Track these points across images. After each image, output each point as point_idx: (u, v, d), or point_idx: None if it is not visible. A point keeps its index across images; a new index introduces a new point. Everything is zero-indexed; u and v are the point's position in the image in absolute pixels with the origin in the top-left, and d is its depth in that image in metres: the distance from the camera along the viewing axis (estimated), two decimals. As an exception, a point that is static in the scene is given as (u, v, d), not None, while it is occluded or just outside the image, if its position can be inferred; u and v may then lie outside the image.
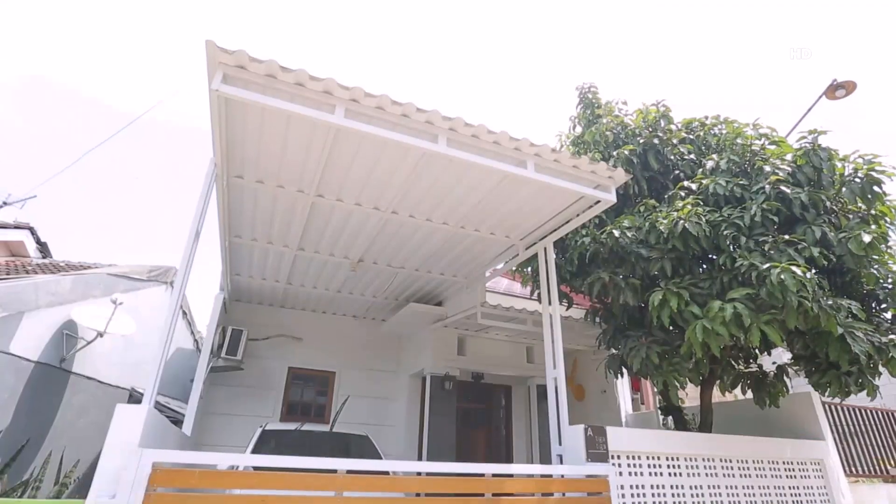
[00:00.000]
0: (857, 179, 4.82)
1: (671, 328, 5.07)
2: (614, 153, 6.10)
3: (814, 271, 4.27)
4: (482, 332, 8.37)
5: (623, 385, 8.91)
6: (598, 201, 4.72)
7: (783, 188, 4.83)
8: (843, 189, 4.95)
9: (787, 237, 4.53)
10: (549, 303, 5.14)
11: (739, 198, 5.08)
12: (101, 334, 6.29)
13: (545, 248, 5.39)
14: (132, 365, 7.61)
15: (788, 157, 5.28)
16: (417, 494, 3.65)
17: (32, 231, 9.23)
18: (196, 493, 3.15)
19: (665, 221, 4.90)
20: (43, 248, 9.55)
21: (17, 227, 9.06)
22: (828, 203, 4.94)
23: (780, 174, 4.98)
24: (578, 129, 7.47)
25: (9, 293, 5.25)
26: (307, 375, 8.61)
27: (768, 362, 6.13)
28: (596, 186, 4.66)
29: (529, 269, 6.84)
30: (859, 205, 4.98)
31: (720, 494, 4.78)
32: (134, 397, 7.52)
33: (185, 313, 9.93)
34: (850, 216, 4.98)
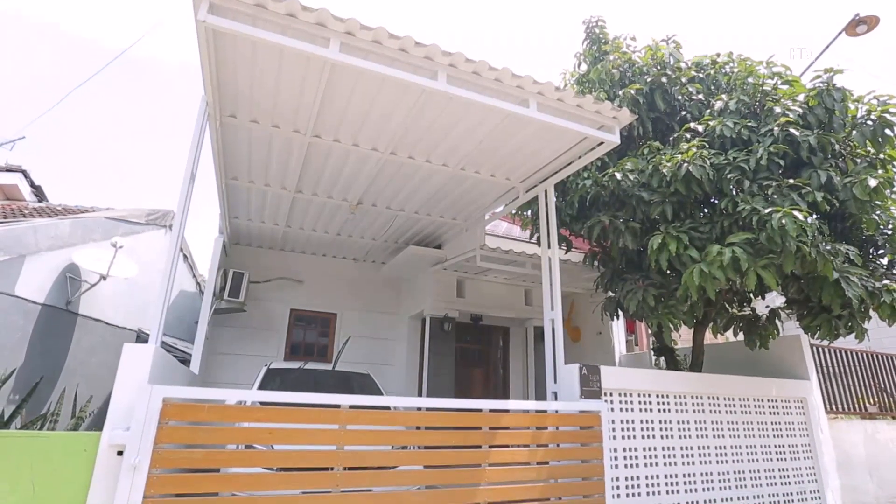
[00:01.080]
0: (870, 122, 4.69)
1: (668, 272, 5.12)
2: (620, 93, 5.89)
3: (815, 216, 4.25)
4: (481, 275, 8.47)
5: (618, 327, 9.13)
6: (602, 143, 4.61)
7: (792, 130, 4.70)
8: (854, 132, 4.83)
9: (791, 181, 4.46)
10: (549, 246, 5.15)
11: (747, 140, 4.96)
12: (103, 277, 6.35)
13: (546, 191, 5.33)
14: (137, 307, 7.75)
15: (801, 97, 5.10)
16: (418, 428, 3.83)
17: (25, 174, 9.10)
18: (207, 425, 3.30)
19: (669, 164, 4.81)
20: (38, 192, 9.45)
21: (9, 170, 8.92)
22: (836, 146, 4.82)
23: (791, 116, 4.83)
24: (584, 67, 7.17)
25: (8, 236, 5.24)
26: (309, 317, 8.80)
27: (761, 306, 6.25)
28: (600, 127, 4.54)
29: (529, 212, 6.80)
30: (868, 149, 4.87)
31: (705, 429, 5.02)
32: (141, 338, 7.71)
33: (185, 257, 9.98)
34: (858, 160, 4.88)
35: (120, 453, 2.82)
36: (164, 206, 8.64)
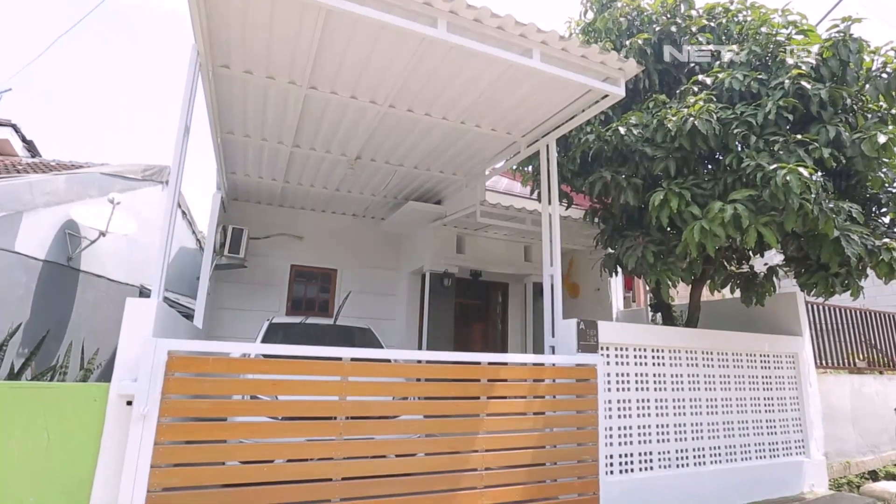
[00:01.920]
0: (885, 75, 4.54)
1: (669, 229, 5.10)
2: (627, 43, 5.66)
3: (821, 173, 4.18)
4: (481, 231, 8.46)
5: (616, 284, 9.22)
6: (606, 96, 4.48)
7: (804, 83, 4.55)
8: (867, 85, 4.68)
9: (798, 137, 4.37)
10: (549, 202, 5.11)
11: (756, 94, 4.81)
12: (103, 234, 6.34)
13: (547, 146, 5.23)
14: (139, 263, 7.78)
15: (815, 48, 4.90)
16: (418, 380, 3.93)
17: (16, 129, 8.90)
18: (212, 377, 3.38)
19: (674, 118, 4.69)
20: (30, 147, 9.28)
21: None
22: (848, 100, 4.69)
23: (803, 68, 4.66)
24: (590, 15, 6.86)
25: (4, 193, 5.19)
26: (310, 273, 8.87)
27: (759, 263, 6.28)
28: (605, 79, 4.39)
29: (530, 167, 6.71)
30: (881, 103, 4.74)
31: (698, 382, 5.16)
32: (143, 294, 7.79)
33: (184, 213, 9.93)
34: (869, 115, 4.76)
35: (129, 403, 2.91)
36: (160, 162, 8.52)
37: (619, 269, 5.87)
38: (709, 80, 5.07)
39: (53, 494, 2.77)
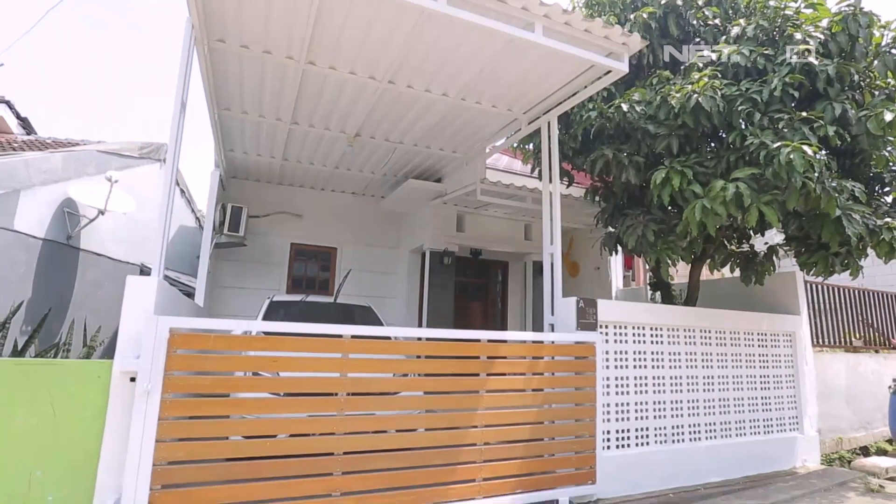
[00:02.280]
0: (894, 50, 4.45)
1: (670, 207, 5.08)
2: (631, 16, 5.54)
3: (825, 152, 4.14)
4: (481, 210, 8.43)
5: (616, 263, 9.23)
6: (609, 71, 4.41)
7: (811, 59, 4.46)
8: (875, 62, 4.59)
9: (804, 114, 4.31)
10: (550, 180, 5.08)
11: (762, 70, 4.72)
12: (101, 212, 6.32)
13: (549, 123, 5.17)
14: (139, 242, 7.78)
15: (824, 22, 4.79)
16: (418, 357, 3.97)
17: (10, 105, 8.77)
18: (214, 354, 3.41)
19: (678, 95, 4.62)
20: (25, 124, 9.17)
21: (-7, 99, 8.58)
22: (856, 77, 4.61)
23: (811, 43, 4.56)
24: (594, -12, 6.68)
25: (1, 170, 5.14)
26: (310, 251, 8.87)
27: (760, 243, 6.27)
28: (608, 54, 4.31)
29: (531, 145, 6.64)
30: (889, 80, 4.65)
31: (695, 360, 5.22)
32: (144, 272, 7.81)
33: (183, 191, 9.88)
34: (877, 92, 4.68)
35: (132, 380, 2.94)
36: (157, 140, 8.43)
37: (620, 248, 5.86)
38: (714, 56, 4.97)
39: (60, 468, 2.83)
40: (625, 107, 4.95)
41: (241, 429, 3.31)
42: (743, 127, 4.56)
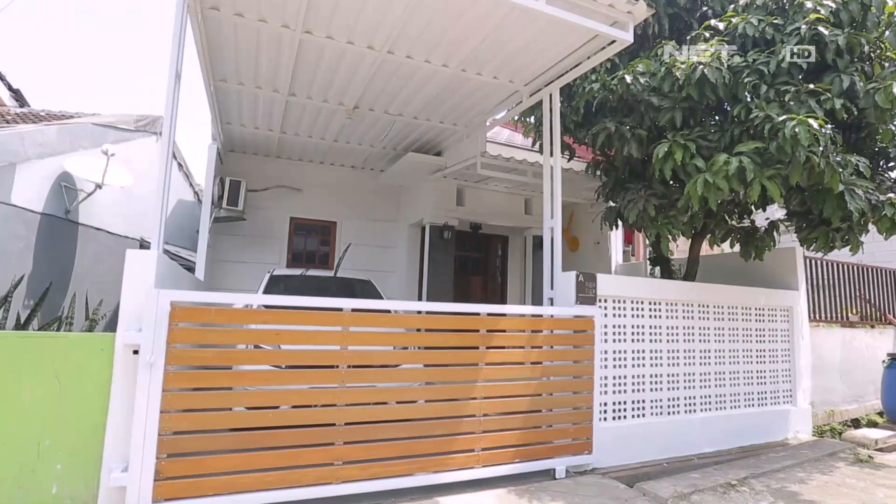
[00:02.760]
0: (907, 20, 4.32)
1: (672, 182, 5.04)
2: (638, -16, 5.36)
3: (831, 126, 4.07)
4: (481, 184, 8.38)
5: (616, 237, 9.22)
6: (613, 41, 4.30)
7: (821, 29, 4.34)
8: (887, 32, 4.47)
9: (811, 86, 4.22)
10: (551, 154, 5.02)
11: (770, 40, 4.60)
12: (99, 186, 6.26)
13: (551, 95, 5.07)
14: (137, 216, 7.74)
15: (836, -11, 4.64)
16: (418, 330, 4.00)
17: (2, 77, 8.60)
18: (216, 327, 3.44)
19: (683, 66, 4.52)
20: (18, 96, 9.01)
21: (-17, 70, 8.41)
22: (866, 47, 4.49)
23: (822, 12, 4.43)
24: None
25: (-6, 142, 5.07)
26: (309, 225, 8.85)
27: (761, 218, 6.24)
28: (612, 23, 4.20)
29: (532, 118, 6.54)
30: (900, 51, 4.54)
31: (692, 334, 5.26)
32: (144, 246, 7.80)
33: (180, 165, 9.78)
34: (887, 64, 4.58)
35: (135, 352, 2.97)
36: (152, 112, 8.29)
37: (620, 223, 5.84)
38: (721, 25, 4.84)
39: (68, 438, 2.89)
40: (628, 78, 4.85)
41: (243, 400, 3.36)
42: (748, 100, 4.47)
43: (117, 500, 2.85)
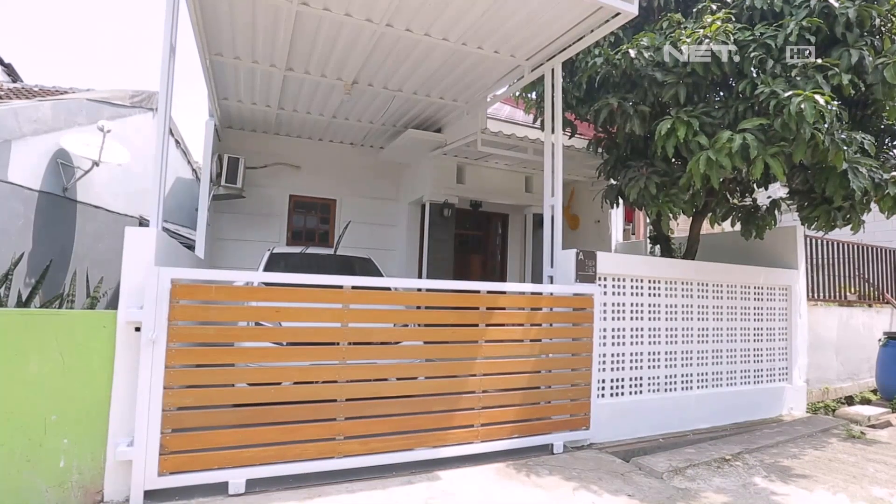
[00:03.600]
0: (919, -8, 4.20)
1: (674, 159, 4.99)
2: (644, -46, 5.21)
3: (837, 102, 4.00)
4: (482, 161, 8.31)
5: (616, 216, 9.19)
6: (618, 14, 4.20)
7: (831, 1, 4.23)
8: (899, 4, 4.36)
9: (818, 61, 4.13)
10: (553, 130, 4.96)
11: (779, 13, 4.50)
12: (96, 163, 6.20)
13: (553, 70, 4.98)
14: (136, 194, 7.70)
15: (848, -41, 4.51)
16: (418, 308, 4.02)
17: (-7, 49, 8.43)
18: (217, 304, 3.45)
19: (688, 41, 4.42)
20: (10, 71, 8.86)
21: (-26, 43, 8.23)
22: (877, 20, 4.39)
23: (833, -17, 4.32)
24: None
25: (-12, 118, 5.00)
26: (309, 203, 8.81)
27: (762, 196, 6.21)
28: (618, -5, 4.09)
29: (534, 93, 6.44)
30: (910, 24, 4.44)
31: (691, 312, 5.29)
32: (143, 224, 7.78)
33: (178, 142, 9.68)
34: (896, 38, 4.48)
35: (137, 329, 2.99)
36: (148, 88, 8.16)
37: (621, 201, 5.81)
38: (729, -2, 4.72)
39: (74, 413, 2.93)
40: (632, 52, 4.75)
41: (246, 376, 3.40)
42: (755, 75, 4.39)
43: (124, 474, 2.91)
